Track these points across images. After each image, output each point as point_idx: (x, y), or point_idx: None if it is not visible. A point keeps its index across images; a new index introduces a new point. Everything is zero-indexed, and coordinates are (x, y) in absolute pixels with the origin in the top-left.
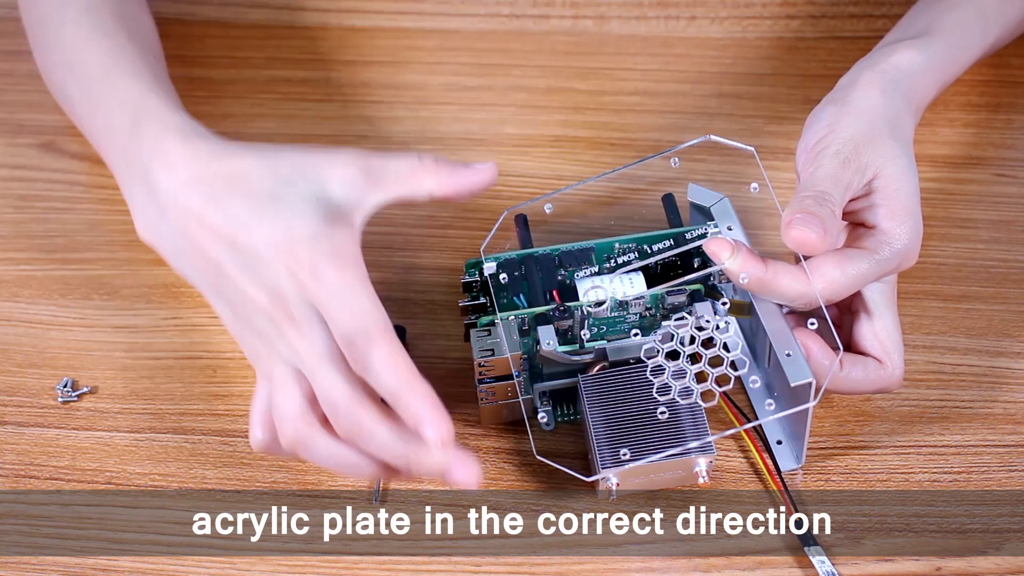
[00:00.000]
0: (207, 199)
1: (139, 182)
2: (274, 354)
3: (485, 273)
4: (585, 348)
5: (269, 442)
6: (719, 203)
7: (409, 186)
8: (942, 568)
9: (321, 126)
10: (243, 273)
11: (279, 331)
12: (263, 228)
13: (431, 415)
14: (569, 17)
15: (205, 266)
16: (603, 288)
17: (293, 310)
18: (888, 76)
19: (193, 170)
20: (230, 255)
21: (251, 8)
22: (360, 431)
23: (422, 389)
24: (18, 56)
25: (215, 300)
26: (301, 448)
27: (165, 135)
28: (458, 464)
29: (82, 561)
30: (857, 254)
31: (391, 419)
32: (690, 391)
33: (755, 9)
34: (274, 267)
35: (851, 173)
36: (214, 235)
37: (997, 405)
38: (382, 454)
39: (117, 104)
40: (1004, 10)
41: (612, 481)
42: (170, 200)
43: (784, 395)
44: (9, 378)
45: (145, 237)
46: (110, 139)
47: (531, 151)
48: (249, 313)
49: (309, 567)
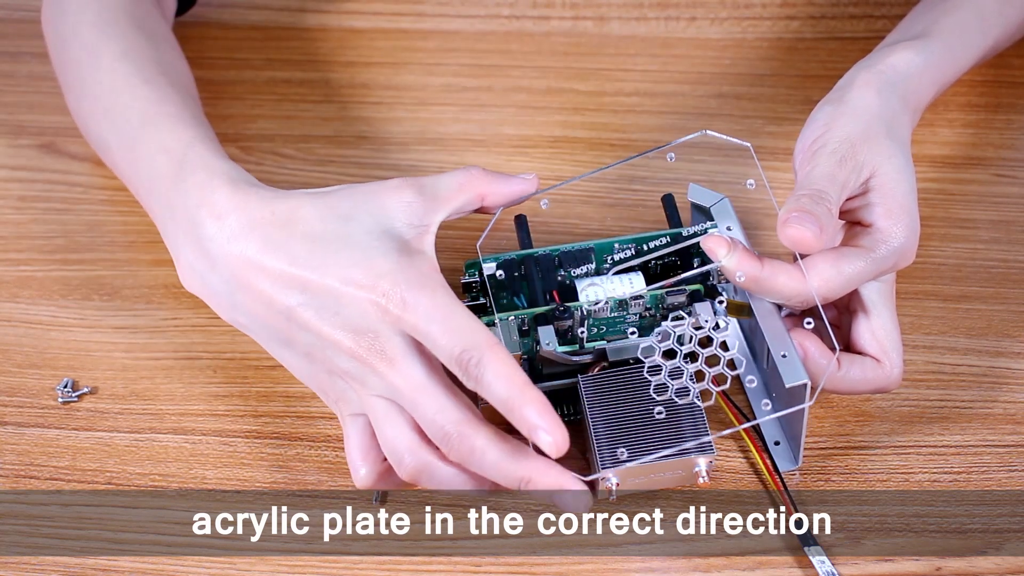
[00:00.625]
0: (265, 245)
1: (184, 232)
2: (365, 391)
3: (484, 273)
4: (585, 348)
5: (376, 476)
6: (719, 203)
7: (462, 199)
8: (942, 568)
9: (321, 127)
10: (318, 316)
11: (368, 368)
12: (337, 268)
13: (546, 422)
14: (569, 18)
15: (269, 315)
16: (602, 288)
17: (383, 345)
18: (885, 77)
19: (245, 218)
20: (301, 300)
21: (251, 9)
22: (472, 455)
23: (535, 396)
24: (18, 57)
25: (280, 349)
26: (424, 478)
27: (212, 183)
28: (566, 487)
29: (82, 561)
30: (853, 252)
31: (502, 440)
32: (687, 390)
33: (755, 10)
34: (357, 305)
35: (847, 172)
36: (279, 282)
37: (997, 405)
38: (495, 475)
39: (160, 151)
40: (1004, 12)
41: (612, 481)
42: (221, 251)
43: (781, 396)
44: (9, 378)
45: (193, 289)
46: (152, 187)
47: (531, 152)
48: (328, 356)
49: (309, 567)
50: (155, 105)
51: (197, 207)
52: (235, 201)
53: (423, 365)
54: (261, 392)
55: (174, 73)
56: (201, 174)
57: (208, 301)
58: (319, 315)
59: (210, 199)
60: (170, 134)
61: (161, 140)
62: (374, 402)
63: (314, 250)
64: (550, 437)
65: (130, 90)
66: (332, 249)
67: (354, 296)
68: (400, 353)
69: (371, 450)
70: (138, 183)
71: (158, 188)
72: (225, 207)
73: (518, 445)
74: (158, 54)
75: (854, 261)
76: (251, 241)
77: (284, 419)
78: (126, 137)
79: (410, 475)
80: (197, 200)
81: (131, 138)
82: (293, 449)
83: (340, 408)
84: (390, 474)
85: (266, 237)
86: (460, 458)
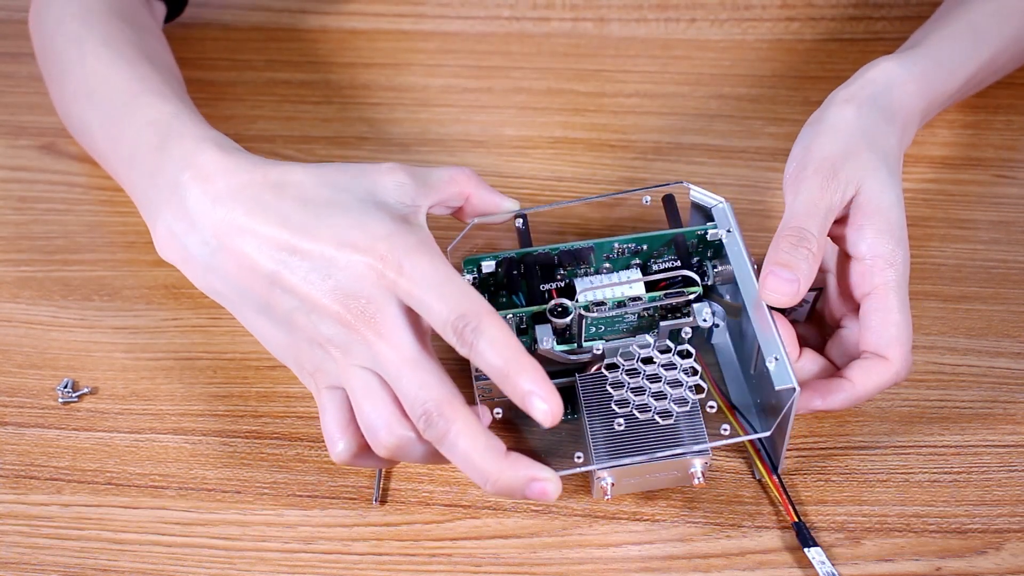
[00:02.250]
0: (254, 208)
1: (166, 198)
2: (346, 361)
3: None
4: (583, 348)
5: (354, 452)
6: (719, 206)
7: (450, 191)
8: (942, 568)
9: (321, 128)
10: (306, 279)
11: (355, 335)
12: (332, 231)
13: (541, 389)
14: (569, 19)
15: (250, 279)
16: (601, 288)
17: (374, 311)
18: (864, 92)
19: (234, 180)
20: (290, 263)
21: (251, 11)
22: (446, 437)
23: (530, 363)
24: (19, 58)
25: (255, 317)
26: (401, 453)
27: (199, 147)
28: (535, 480)
29: (82, 561)
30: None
31: (480, 431)
32: (648, 407)
33: (754, 11)
34: (352, 268)
35: (830, 195)
36: (266, 244)
37: (997, 405)
38: (463, 464)
39: (144, 124)
40: (999, 24)
41: (607, 481)
42: (205, 212)
43: (768, 399)
44: (9, 379)
45: (169, 255)
46: (135, 160)
47: (531, 153)
48: (312, 321)
49: (309, 567)
50: (139, 83)
51: (181, 171)
52: (223, 164)
53: (413, 337)
54: (261, 392)
55: (159, 59)
56: (188, 140)
57: (183, 266)
58: (307, 278)
59: (196, 161)
60: (155, 108)
61: (146, 114)
62: (354, 373)
63: (307, 213)
64: (545, 405)
65: (114, 71)
66: (326, 213)
67: (349, 259)
68: (391, 322)
69: (350, 424)
70: (119, 160)
71: (141, 160)
72: (212, 169)
73: (495, 441)
74: (142, 41)
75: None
76: (239, 203)
77: (284, 419)
78: (109, 115)
79: (387, 451)
80: (182, 164)
81: (114, 115)
82: (293, 449)
83: (316, 380)
84: (368, 450)
85: (255, 199)
86: (434, 438)
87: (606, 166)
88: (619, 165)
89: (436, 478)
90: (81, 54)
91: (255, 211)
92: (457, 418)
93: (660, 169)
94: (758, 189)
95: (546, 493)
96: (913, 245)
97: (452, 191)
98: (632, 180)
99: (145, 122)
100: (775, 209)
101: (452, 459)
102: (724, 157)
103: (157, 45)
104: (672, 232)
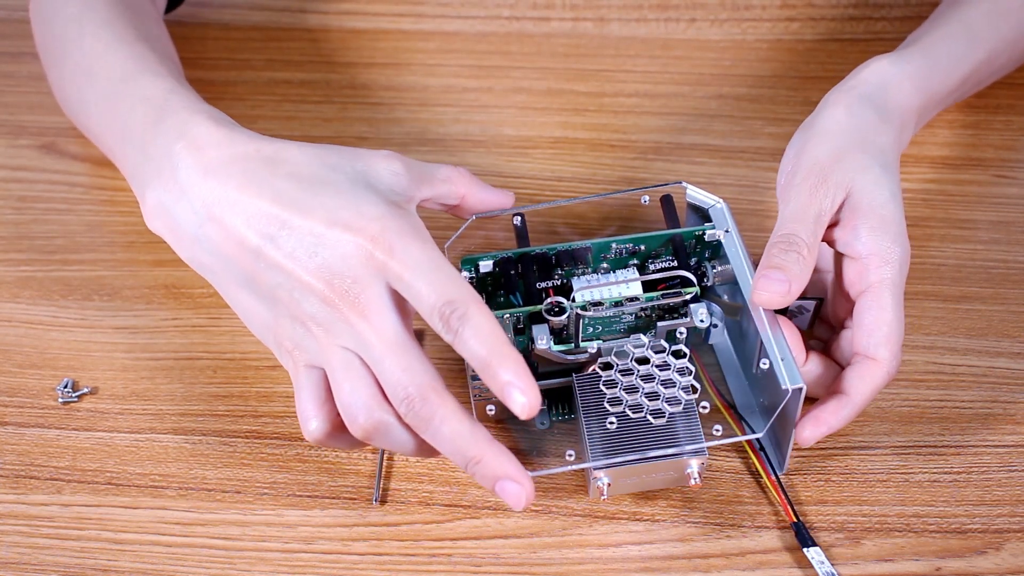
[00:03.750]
0: (247, 180)
1: (157, 170)
2: (327, 340)
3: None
4: (580, 348)
5: (327, 432)
6: (716, 206)
7: (444, 189)
8: (942, 568)
9: (321, 128)
10: (292, 255)
11: (337, 315)
12: (323, 209)
13: (521, 381)
14: (569, 19)
15: (237, 252)
16: (598, 288)
17: (360, 292)
18: (856, 92)
19: (227, 152)
20: (278, 237)
21: (251, 10)
22: (430, 422)
23: (513, 355)
24: (19, 58)
25: (238, 291)
26: (378, 436)
27: (193, 119)
28: (512, 480)
29: (82, 561)
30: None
31: (463, 414)
32: (641, 407)
33: (754, 11)
34: (341, 247)
35: (821, 199)
36: (256, 218)
37: (997, 405)
38: (448, 448)
39: (140, 101)
40: (996, 24)
41: (603, 481)
42: (196, 182)
43: (772, 399)
44: (9, 379)
45: (156, 225)
46: (129, 135)
47: (531, 152)
48: (295, 298)
49: (309, 567)
50: (137, 62)
51: (175, 141)
52: (217, 136)
53: (398, 320)
54: (261, 392)
55: (158, 43)
56: (182, 113)
57: (169, 236)
58: (293, 254)
59: (190, 132)
60: (151, 85)
61: (142, 91)
62: (335, 353)
63: (300, 190)
64: (523, 398)
65: (113, 51)
66: (318, 191)
67: (338, 238)
68: (375, 303)
69: (325, 403)
70: (113, 136)
71: (135, 135)
72: (206, 141)
73: (477, 424)
74: (143, 25)
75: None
76: (231, 175)
77: (284, 419)
78: (106, 94)
79: (363, 433)
80: (176, 135)
81: (111, 93)
82: (293, 449)
83: (295, 357)
84: (342, 431)
85: (247, 172)
86: (417, 423)
87: (606, 166)
88: (619, 165)
89: (436, 478)
90: (80, 35)
91: (247, 184)
92: (442, 403)
93: (660, 169)
94: (758, 189)
95: (516, 496)
96: (913, 245)
97: (447, 189)
98: (632, 180)
99: (141, 98)
100: (775, 209)
101: (435, 443)
102: (724, 157)
103: (157, 30)
104: (670, 232)
